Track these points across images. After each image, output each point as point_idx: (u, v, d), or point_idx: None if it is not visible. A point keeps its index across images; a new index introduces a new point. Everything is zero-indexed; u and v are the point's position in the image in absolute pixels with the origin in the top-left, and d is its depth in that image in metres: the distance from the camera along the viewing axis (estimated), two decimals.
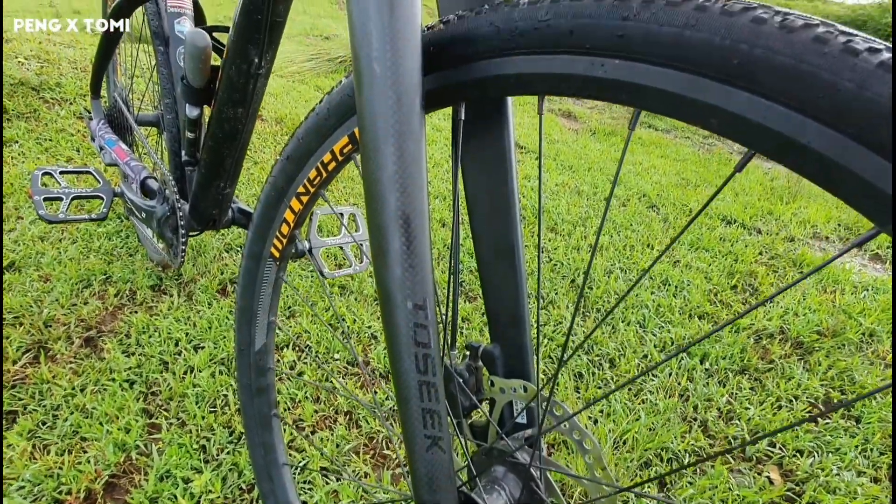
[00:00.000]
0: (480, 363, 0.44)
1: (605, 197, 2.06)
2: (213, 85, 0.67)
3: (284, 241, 0.51)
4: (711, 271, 1.55)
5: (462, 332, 1.06)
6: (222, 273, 1.25)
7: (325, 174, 0.44)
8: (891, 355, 1.22)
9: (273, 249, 0.52)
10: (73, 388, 0.87)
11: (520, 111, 3.39)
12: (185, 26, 0.80)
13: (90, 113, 1.13)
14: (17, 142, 1.64)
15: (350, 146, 0.41)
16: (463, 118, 0.36)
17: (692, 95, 0.24)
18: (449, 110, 0.37)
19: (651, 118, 3.64)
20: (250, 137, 0.72)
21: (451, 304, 0.43)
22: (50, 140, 1.68)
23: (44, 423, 0.82)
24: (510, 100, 0.38)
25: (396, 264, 0.30)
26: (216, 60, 0.67)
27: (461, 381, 0.43)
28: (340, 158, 0.43)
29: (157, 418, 0.85)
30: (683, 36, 0.24)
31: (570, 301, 1.31)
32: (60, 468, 0.75)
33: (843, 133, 0.21)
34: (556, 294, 1.33)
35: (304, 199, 0.47)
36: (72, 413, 0.83)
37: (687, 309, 1.33)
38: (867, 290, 1.52)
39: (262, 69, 0.61)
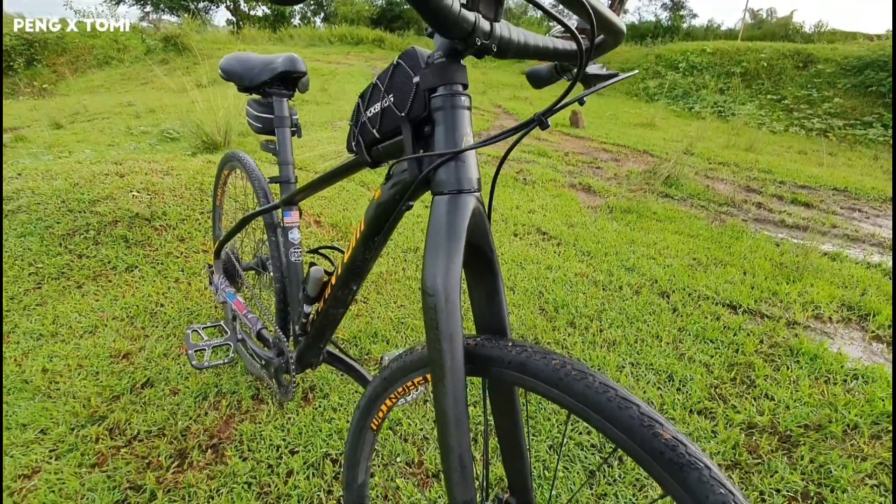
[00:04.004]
0: None
1: (619, 285, 2.32)
2: (323, 293, 1.01)
3: (380, 419, 0.81)
4: (713, 364, 1.77)
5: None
6: (304, 381, 1.58)
7: (406, 391, 0.75)
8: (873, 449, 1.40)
9: (372, 424, 0.82)
10: (211, 491, 1.19)
11: (541, 190, 3.72)
12: (296, 234, 1.16)
13: (212, 267, 1.51)
14: (137, 267, 2.07)
15: (422, 380, 0.72)
16: (487, 387, 0.66)
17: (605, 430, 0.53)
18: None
19: (666, 188, 3.89)
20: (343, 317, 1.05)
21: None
22: (161, 263, 2.11)
23: None
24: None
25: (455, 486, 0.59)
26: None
27: None
28: (417, 387, 0.73)
29: None
30: (585, 392, 0.53)
31: None
32: None
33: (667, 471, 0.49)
34: None
35: (395, 399, 0.78)
36: None
37: (688, 405, 1.56)
38: (857, 378, 1.70)
39: (355, 292, 0.94)
